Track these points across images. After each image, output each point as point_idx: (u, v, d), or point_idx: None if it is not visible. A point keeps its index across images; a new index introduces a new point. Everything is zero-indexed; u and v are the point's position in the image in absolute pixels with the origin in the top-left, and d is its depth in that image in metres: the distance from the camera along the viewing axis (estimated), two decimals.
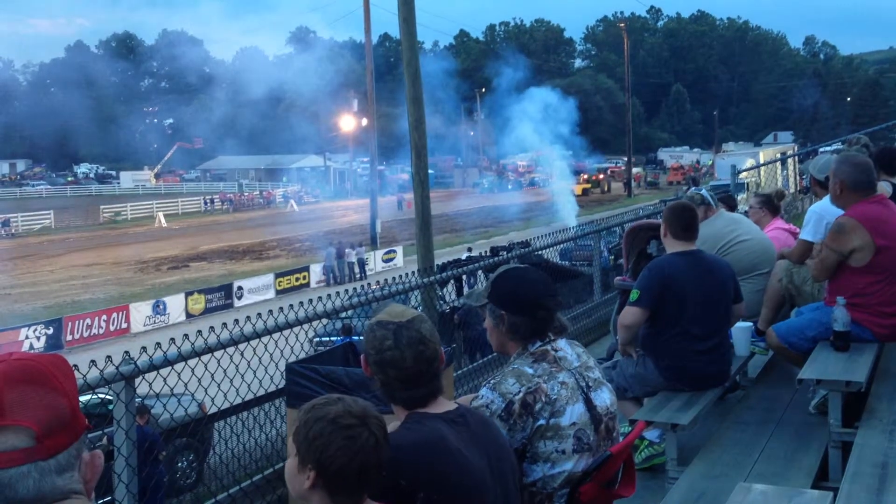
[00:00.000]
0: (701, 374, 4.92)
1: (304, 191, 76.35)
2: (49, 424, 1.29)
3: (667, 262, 5.00)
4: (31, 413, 1.28)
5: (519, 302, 3.01)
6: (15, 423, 1.26)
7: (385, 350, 2.46)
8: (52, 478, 1.28)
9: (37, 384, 1.31)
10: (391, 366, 2.46)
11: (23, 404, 1.27)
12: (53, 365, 1.35)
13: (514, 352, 3.03)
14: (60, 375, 1.35)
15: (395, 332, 2.47)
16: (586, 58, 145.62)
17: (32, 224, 60.76)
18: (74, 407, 1.35)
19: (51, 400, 1.30)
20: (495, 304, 3.05)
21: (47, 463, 1.28)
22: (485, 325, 3.13)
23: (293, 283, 33.86)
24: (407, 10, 11.71)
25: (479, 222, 53.21)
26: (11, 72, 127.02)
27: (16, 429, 1.26)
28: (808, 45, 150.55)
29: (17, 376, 1.30)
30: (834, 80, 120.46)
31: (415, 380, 2.46)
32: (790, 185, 24.04)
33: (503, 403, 2.80)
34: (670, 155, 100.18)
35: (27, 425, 1.27)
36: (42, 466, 1.27)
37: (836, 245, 4.76)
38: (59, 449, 1.30)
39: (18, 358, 1.34)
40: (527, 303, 3.00)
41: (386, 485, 2.22)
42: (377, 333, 2.50)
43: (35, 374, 1.32)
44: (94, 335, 26.21)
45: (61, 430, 1.30)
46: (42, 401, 1.29)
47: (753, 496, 3.05)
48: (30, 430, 1.27)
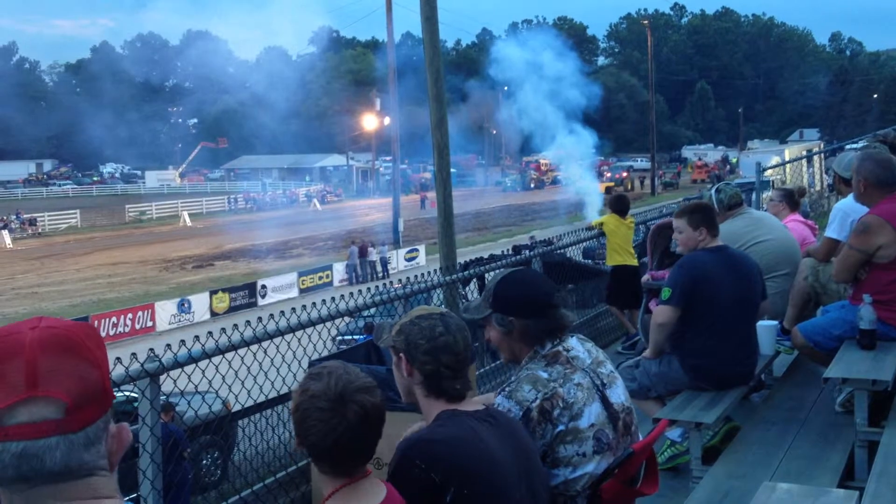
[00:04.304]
0: (728, 373, 4.86)
1: (327, 190, 76.61)
2: (80, 396, 1.26)
3: (698, 259, 4.93)
4: (63, 384, 1.25)
5: (527, 305, 2.96)
6: (46, 395, 1.24)
7: (438, 336, 2.49)
8: (80, 452, 1.26)
9: (70, 354, 1.28)
10: (445, 351, 2.49)
11: (55, 374, 1.25)
12: (86, 334, 1.32)
13: (525, 356, 2.98)
14: (93, 345, 1.32)
15: (442, 320, 2.52)
16: (609, 55, 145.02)
17: (59, 223, 61.39)
18: (105, 378, 1.32)
19: (83, 371, 1.28)
20: (502, 311, 2.98)
21: (76, 436, 1.26)
22: (488, 337, 3.06)
23: (316, 282, 34.00)
24: (429, 8, 11.70)
25: (502, 221, 53.14)
26: (38, 73, 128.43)
27: (47, 399, 1.24)
28: (834, 42, 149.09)
29: (50, 345, 1.27)
30: (860, 76, 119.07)
31: (461, 366, 2.50)
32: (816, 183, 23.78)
33: (521, 411, 2.75)
34: (694, 153, 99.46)
35: (58, 396, 1.24)
36: (71, 439, 1.25)
37: (861, 244, 4.71)
38: (88, 421, 1.27)
39: (50, 325, 1.30)
40: (535, 304, 2.96)
41: (419, 479, 2.25)
42: (423, 324, 2.52)
43: (68, 343, 1.29)
44: (119, 333, 26.44)
45: (92, 401, 1.28)
46: (74, 371, 1.27)
47: (778, 495, 3.03)
48: (60, 402, 1.24)
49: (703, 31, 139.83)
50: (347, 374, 2.11)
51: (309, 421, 2.07)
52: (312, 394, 2.08)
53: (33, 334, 1.27)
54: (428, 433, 2.42)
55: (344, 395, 2.06)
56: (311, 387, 2.09)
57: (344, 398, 2.06)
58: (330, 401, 2.06)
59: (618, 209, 9.62)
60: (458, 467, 2.30)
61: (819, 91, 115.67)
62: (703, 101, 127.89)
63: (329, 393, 2.07)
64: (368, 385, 2.11)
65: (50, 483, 1.25)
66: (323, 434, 2.05)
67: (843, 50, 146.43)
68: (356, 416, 2.05)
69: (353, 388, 2.08)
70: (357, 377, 2.12)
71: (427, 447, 2.34)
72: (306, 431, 2.08)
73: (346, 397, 2.06)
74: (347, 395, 2.06)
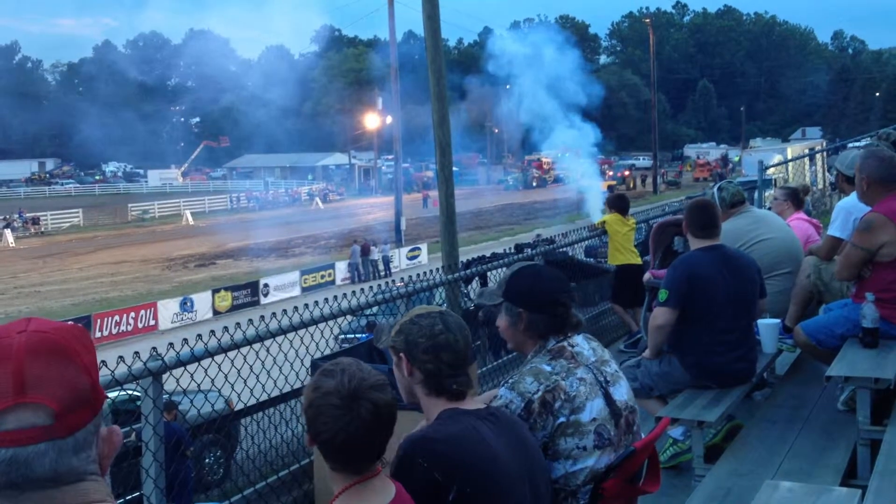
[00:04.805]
0: (727, 370, 4.88)
1: (329, 188, 76.60)
2: (69, 402, 1.25)
3: (692, 259, 4.96)
4: (50, 390, 1.24)
5: (537, 299, 3.00)
6: (34, 401, 1.23)
7: (438, 334, 2.49)
8: (69, 457, 1.25)
9: (58, 358, 1.27)
10: (445, 349, 2.49)
11: (43, 380, 1.24)
12: (74, 337, 1.31)
13: (531, 350, 3.02)
14: (81, 349, 1.31)
15: (441, 318, 2.52)
16: (611, 54, 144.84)
17: (61, 222, 61.46)
18: (94, 382, 1.31)
19: (71, 376, 1.27)
20: (512, 302, 3.03)
21: (65, 441, 1.25)
22: (498, 324, 3.11)
23: (318, 281, 34.02)
24: (431, 7, 11.70)
25: (504, 219, 53.11)
26: (40, 72, 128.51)
27: (34, 406, 1.23)
28: (836, 40, 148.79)
29: (38, 350, 1.26)
30: (862, 74, 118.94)
31: (462, 364, 2.50)
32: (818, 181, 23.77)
33: (522, 403, 2.79)
34: (697, 151, 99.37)
35: (46, 403, 1.23)
36: (60, 445, 1.24)
37: (864, 242, 4.71)
38: (78, 426, 1.27)
39: (38, 329, 1.29)
40: (545, 300, 2.99)
41: (421, 477, 2.25)
42: (423, 322, 2.53)
43: (56, 347, 1.28)
44: (122, 332, 26.48)
45: (81, 406, 1.27)
46: (62, 377, 1.26)
47: (781, 494, 3.03)
48: (48, 408, 1.23)
49: (706, 30, 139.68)
50: (360, 372, 2.11)
51: (321, 418, 2.06)
52: (325, 391, 2.07)
53: (20, 339, 1.27)
54: (430, 432, 2.41)
55: (357, 392, 2.06)
56: (324, 384, 2.09)
57: (357, 396, 2.05)
58: (343, 398, 2.05)
59: (619, 208, 9.62)
60: (461, 466, 2.30)
61: (821, 89, 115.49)
62: (705, 100, 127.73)
63: (342, 390, 2.06)
64: (381, 382, 2.11)
65: (40, 489, 1.24)
66: (335, 431, 2.05)
67: (846, 48, 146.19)
68: (369, 414, 2.05)
69: (367, 386, 2.07)
70: (370, 374, 2.11)
71: (429, 446, 2.33)
72: (318, 428, 2.07)
73: (358, 395, 2.06)
74: (360, 393, 2.06)
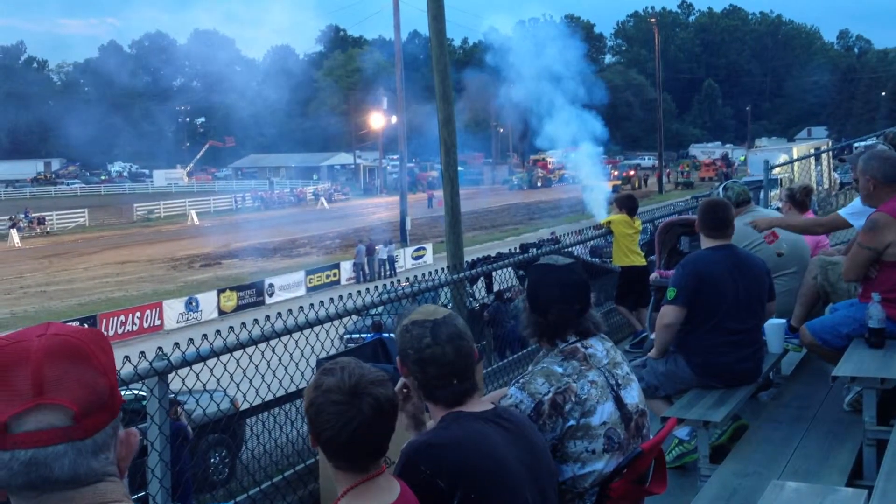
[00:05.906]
0: (733, 370, 4.86)
1: (335, 188, 76.66)
2: (88, 404, 1.27)
3: (701, 258, 4.94)
4: (69, 392, 1.26)
5: (535, 300, 3.01)
6: (53, 402, 1.25)
7: (425, 348, 2.46)
8: (88, 459, 1.27)
9: (77, 361, 1.29)
10: (430, 363, 2.46)
11: (62, 382, 1.26)
12: (93, 341, 1.33)
13: (543, 347, 3.02)
14: (100, 352, 1.33)
15: (432, 330, 2.47)
16: (616, 53, 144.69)
17: (67, 222, 61.56)
18: (113, 385, 1.33)
19: (90, 378, 1.29)
20: (527, 294, 3.06)
21: (84, 443, 1.27)
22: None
23: (323, 280, 34.03)
24: (436, 7, 11.69)
25: (510, 219, 53.10)
26: (46, 72, 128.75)
27: (53, 407, 1.25)
28: (841, 40, 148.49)
29: (57, 353, 1.28)
30: (868, 74, 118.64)
31: (455, 375, 2.46)
32: (824, 181, 23.71)
33: (532, 404, 2.78)
34: (702, 151, 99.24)
35: (65, 404, 1.25)
36: (79, 446, 1.26)
37: (871, 242, 4.69)
38: (96, 428, 1.29)
39: (57, 332, 1.31)
40: (539, 302, 2.99)
41: (424, 484, 2.22)
42: (414, 333, 2.49)
43: (75, 350, 1.30)
44: (128, 332, 26.49)
45: (99, 408, 1.29)
46: (81, 379, 1.28)
47: (787, 494, 3.02)
48: (68, 410, 1.25)
49: (711, 29, 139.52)
50: (360, 368, 2.12)
51: (324, 416, 2.06)
52: (326, 388, 2.08)
53: (40, 342, 1.28)
54: (432, 437, 2.39)
55: (358, 387, 2.06)
56: (325, 382, 2.09)
57: (358, 391, 2.06)
58: (344, 394, 2.06)
59: (627, 208, 9.59)
60: (464, 471, 2.28)
61: (827, 89, 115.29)
62: (710, 99, 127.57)
63: (343, 386, 2.06)
64: (381, 378, 2.11)
65: (59, 490, 1.26)
66: (338, 428, 2.04)
67: (852, 47, 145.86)
68: (371, 409, 2.05)
69: (367, 381, 2.08)
70: (369, 371, 2.12)
71: (431, 452, 2.31)
72: (321, 427, 2.07)
73: (359, 390, 2.06)
74: (361, 388, 2.06)
